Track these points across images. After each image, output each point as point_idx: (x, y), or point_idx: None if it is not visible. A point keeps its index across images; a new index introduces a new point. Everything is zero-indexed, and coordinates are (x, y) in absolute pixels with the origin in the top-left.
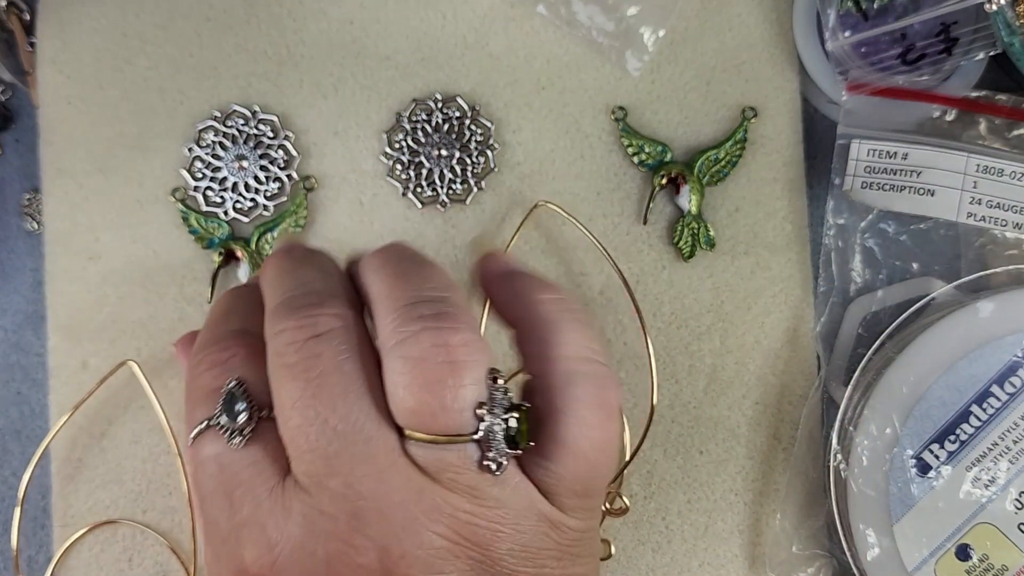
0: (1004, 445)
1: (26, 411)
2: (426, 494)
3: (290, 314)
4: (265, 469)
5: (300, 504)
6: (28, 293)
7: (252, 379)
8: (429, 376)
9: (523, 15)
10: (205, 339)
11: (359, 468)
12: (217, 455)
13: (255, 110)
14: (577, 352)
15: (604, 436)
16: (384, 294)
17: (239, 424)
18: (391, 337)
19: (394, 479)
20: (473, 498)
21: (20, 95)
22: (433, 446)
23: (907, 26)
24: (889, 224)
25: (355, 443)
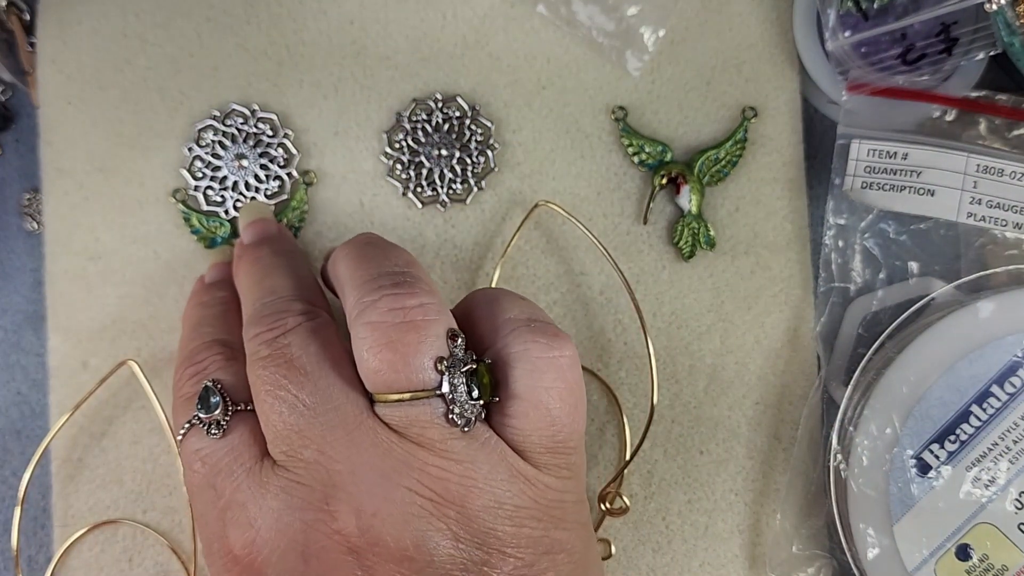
0: (1004, 445)
1: (26, 411)
2: (395, 451)
3: (261, 320)
4: (243, 453)
5: (277, 479)
6: (28, 293)
7: (227, 379)
8: (388, 336)
9: (523, 15)
10: (182, 356)
11: (329, 435)
12: (199, 449)
13: (254, 108)
14: (520, 313)
15: (559, 385)
16: (349, 275)
17: (215, 416)
18: (355, 309)
19: (363, 439)
20: (443, 452)
21: (20, 95)
22: (399, 405)
23: (907, 26)
24: (889, 224)
25: (324, 412)
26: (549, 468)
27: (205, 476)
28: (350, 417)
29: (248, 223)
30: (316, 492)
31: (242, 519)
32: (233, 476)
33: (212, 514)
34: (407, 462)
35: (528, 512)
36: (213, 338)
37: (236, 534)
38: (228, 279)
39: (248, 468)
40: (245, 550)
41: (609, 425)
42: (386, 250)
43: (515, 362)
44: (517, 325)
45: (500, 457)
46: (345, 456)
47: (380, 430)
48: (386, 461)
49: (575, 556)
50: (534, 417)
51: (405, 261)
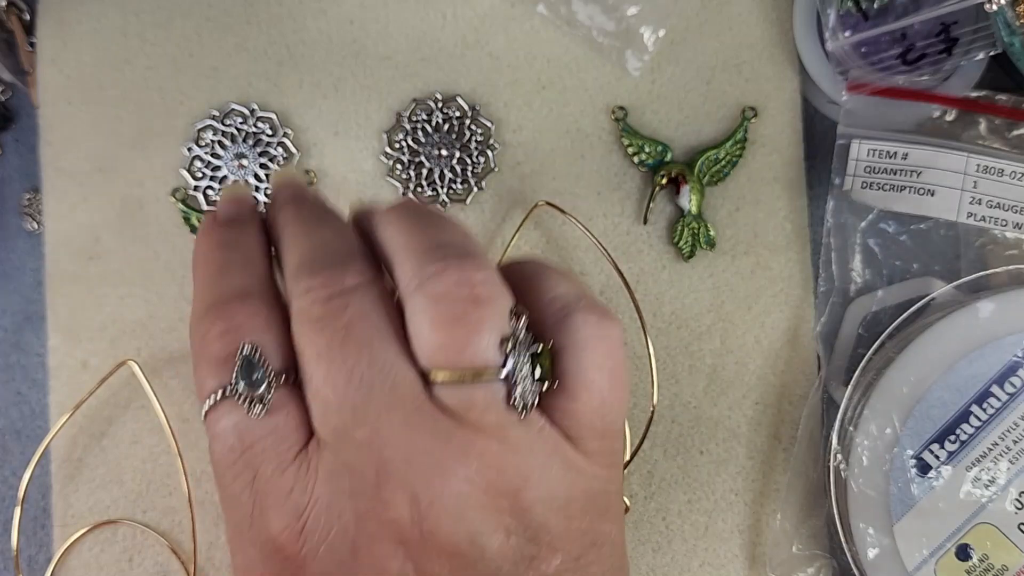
0: (1004, 445)
1: (26, 411)
2: (454, 437)
3: (315, 273)
4: (287, 436)
5: (326, 463)
6: (28, 293)
7: (267, 344)
8: (454, 310)
9: (523, 15)
10: (206, 301)
11: (385, 415)
12: (235, 424)
13: (253, 108)
14: (567, 291)
15: (612, 365)
16: (403, 244)
17: (259, 393)
18: (413, 279)
19: (421, 424)
20: (501, 440)
21: (20, 95)
22: (460, 386)
23: (907, 26)
24: (889, 224)
25: (381, 391)
26: (597, 456)
27: (242, 455)
28: (408, 397)
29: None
30: (368, 478)
31: (287, 507)
32: (277, 461)
33: (248, 498)
34: (465, 450)
35: (578, 505)
36: (244, 288)
37: (280, 523)
38: (246, 219)
39: (294, 453)
40: (290, 539)
41: None
42: (440, 220)
43: (568, 344)
44: (567, 302)
45: (554, 447)
46: (401, 440)
47: (438, 414)
48: (444, 448)
49: (617, 548)
50: (587, 400)
51: (462, 232)
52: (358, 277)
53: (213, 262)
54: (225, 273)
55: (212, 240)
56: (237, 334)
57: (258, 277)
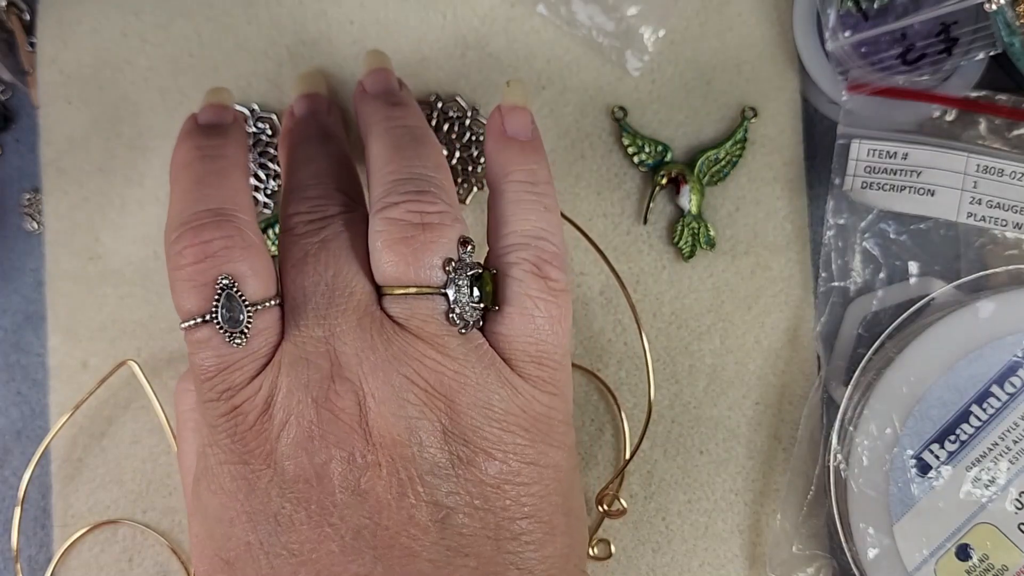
0: (1004, 445)
1: (26, 411)
2: (396, 340)
3: (303, 201)
4: (260, 352)
5: (288, 357)
6: (28, 293)
7: (239, 271)
8: (403, 233)
9: (523, 15)
10: (182, 216)
11: (342, 317)
12: (215, 349)
13: (253, 108)
14: (526, 229)
15: (545, 301)
16: (379, 167)
17: (240, 328)
18: (377, 204)
19: (370, 326)
20: (439, 348)
21: (20, 95)
22: (405, 298)
23: (907, 26)
24: (889, 224)
25: (341, 296)
26: (534, 381)
27: (219, 373)
28: (362, 304)
29: (302, 93)
30: (323, 370)
31: (257, 401)
32: (252, 371)
33: (224, 404)
34: (406, 351)
35: (515, 420)
36: (219, 207)
37: (252, 416)
38: (225, 124)
39: (262, 362)
40: (260, 431)
41: (608, 425)
42: (419, 147)
43: (508, 272)
44: (517, 241)
45: (490, 362)
46: (352, 338)
47: (385, 322)
48: (387, 349)
49: (560, 474)
50: (518, 324)
51: (435, 164)
52: (338, 207)
53: (190, 174)
54: (201, 187)
55: (189, 147)
56: (214, 261)
57: (235, 193)
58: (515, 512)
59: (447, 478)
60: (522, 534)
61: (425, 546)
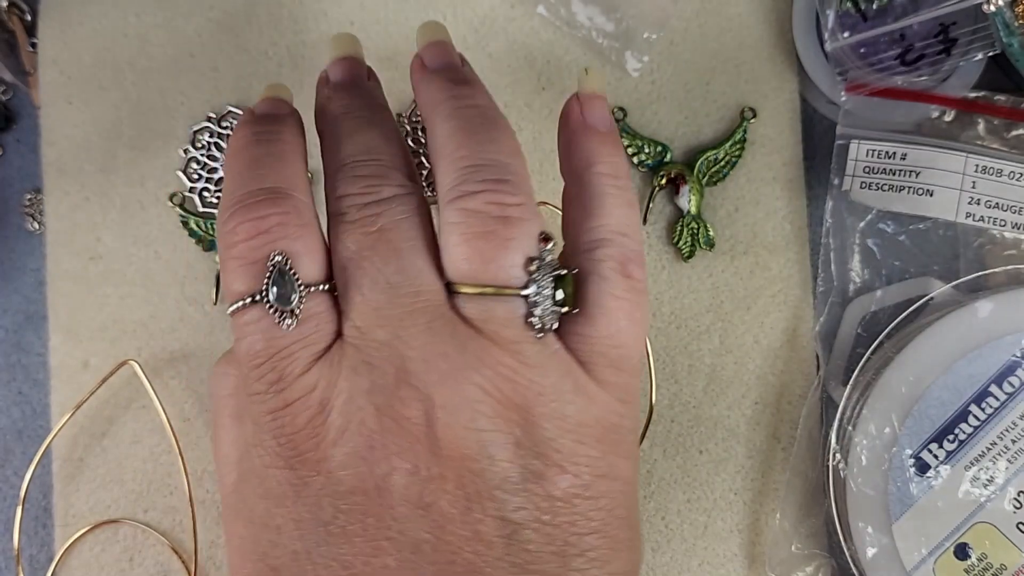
0: (1003, 445)
1: (27, 411)
2: (470, 346)
3: (354, 181)
4: (316, 341)
5: (349, 360)
6: (29, 293)
7: (299, 252)
8: (483, 227)
9: (523, 16)
10: (236, 195)
11: (408, 318)
12: (264, 331)
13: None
14: (612, 224)
15: (629, 301)
16: (449, 152)
17: (290, 307)
18: (451, 192)
19: (440, 330)
20: (516, 354)
21: (21, 95)
22: (481, 299)
23: (906, 27)
24: (888, 224)
25: (405, 295)
26: (610, 387)
27: (268, 359)
28: (431, 304)
29: (338, 57)
30: (388, 376)
31: (311, 401)
32: (304, 361)
33: (271, 395)
34: (480, 358)
35: (589, 431)
36: (277, 187)
37: (304, 416)
38: (283, 116)
39: (318, 353)
40: (311, 434)
41: None
42: (491, 129)
43: (592, 271)
44: (606, 235)
45: (567, 369)
46: (420, 343)
47: (458, 324)
48: (460, 355)
49: (629, 488)
50: (602, 326)
51: (509, 150)
52: (396, 188)
53: (246, 156)
54: (257, 167)
55: (246, 133)
56: (267, 238)
57: (292, 175)
58: (583, 527)
59: (516, 492)
60: (589, 550)
61: (489, 561)
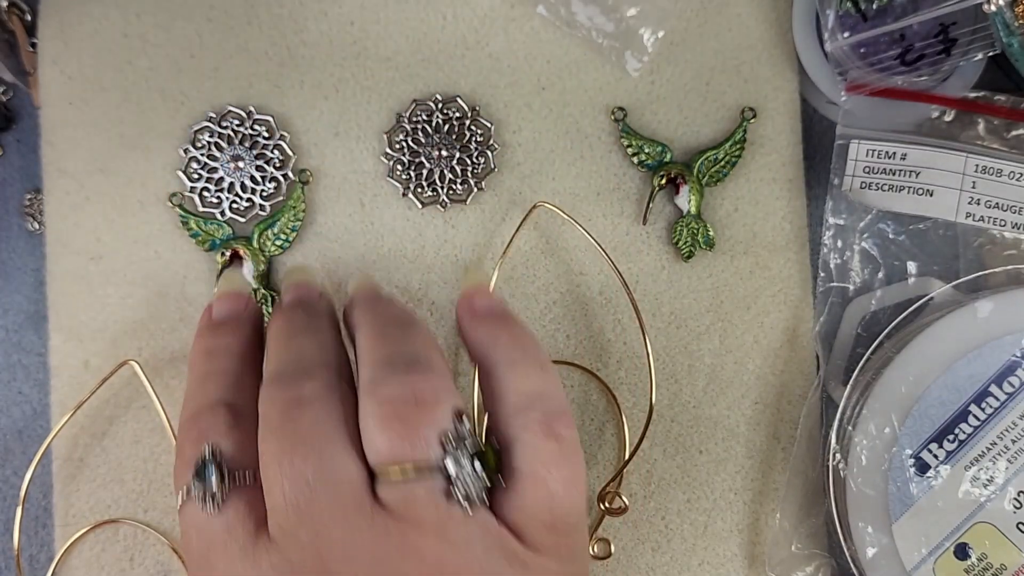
0: (1003, 445)
1: (27, 411)
2: (393, 535)
3: (279, 386)
4: (238, 529)
5: (269, 558)
6: (29, 293)
7: (228, 447)
8: (396, 411)
9: (523, 16)
10: (187, 413)
11: (327, 514)
12: (195, 522)
13: (250, 110)
14: (527, 388)
15: (560, 465)
16: (367, 349)
17: (212, 490)
18: (367, 386)
19: (361, 522)
20: (440, 536)
21: (21, 96)
22: (402, 483)
23: (906, 27)
24: (888, 224)
25: (325, 493)
26: (549, 550)
27: (199, 549)
28: (350, 498)
29: (290, 284)
30: (308, 574)
31: None
32: (227, 552)
33: None
34: (405, 548)
35: None
36: (217, 397)
37: None
38: (237, 317)
39: (242, 545)
40: None
41: (608, 425)
42: (405, 331)
43: (516, 439)
44: (520, 403)
45: (498, 541)
46: (341, 539)
47: (378, 513)
48: (383, 546)
49: None
50: (532, 493)
51: (423, 343)
52: (318, 389)
53: (197, 370)
54: (205, 383)
55: (200, 347)
56: (203, 439)
57: (233, 385)
58: None
59: None
60: None
61: None
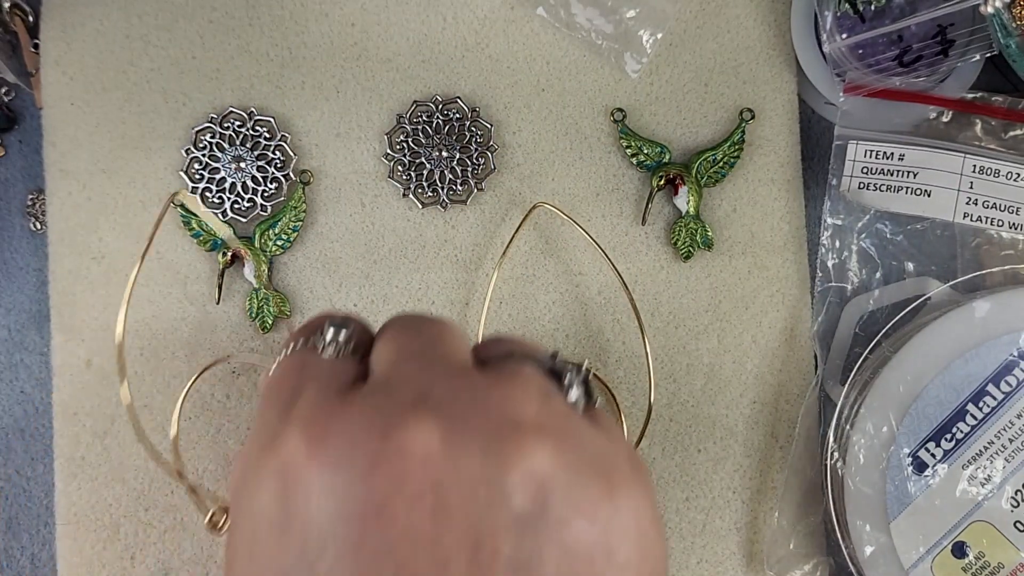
0: (1000, 444)
1: (29, 409)
2: (496, 388)
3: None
4: (343, 373)
5: (367, 392)
6: (32, 292)
7: (347, 332)
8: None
9: (523, 17)
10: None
11: (433, 372)
12: (298, 360)
13: (251, 111)
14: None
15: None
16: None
17: (328, 340)
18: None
19: (465, 378)
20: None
21: (24, 96)
22: (513, 360)
23: (904, 28)
24: (886, 224)
25: (435, 358)
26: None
27: (292, 384)
28: (459, 365)
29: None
30: (406, 402)
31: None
32: (324, 384)
33: (276, 415)
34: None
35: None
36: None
37: (298, 438)
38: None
39: (342, 383)
40: (307, 451)
41: None
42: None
43: None
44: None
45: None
46: (442, 386)
47: (486, 373)
48: (483, 392)
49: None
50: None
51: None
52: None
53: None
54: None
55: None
56: (323, 320)
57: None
58: None
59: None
60: None
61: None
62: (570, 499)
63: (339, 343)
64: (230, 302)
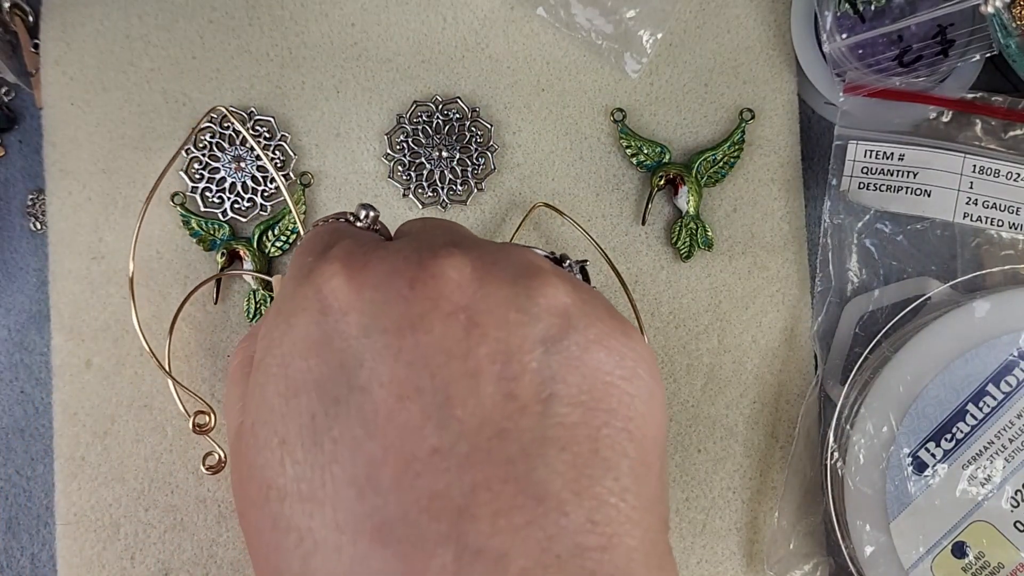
0: (1000, 444)
1: (29, 410)
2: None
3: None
4: (369, 239)
5: (394, 246)
6: (32, 292)
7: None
8: None
9: (523, 17)
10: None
11: (455, 228)
12: (335, 224)
13: (251, 111)
14: None
15: None
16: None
17: (371, 218)
18: None
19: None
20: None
21: (24, 96)
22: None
23: (904, 28)
24: (886, 224)
25: (454, 226)
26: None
27: (327, 232)
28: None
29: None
30: (437, 242)
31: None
32: (356, 238)
33: (313, 258)
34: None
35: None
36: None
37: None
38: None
39: (368, 238)
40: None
41: None
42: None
43: None
44: None
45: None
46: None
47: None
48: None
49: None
50: None
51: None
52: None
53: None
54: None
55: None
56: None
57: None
58: (617, 435)
59: (556, 351)
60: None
61: (521, 427)
62: (589, 331)
63: (370, 218)
64: (229, 302)
